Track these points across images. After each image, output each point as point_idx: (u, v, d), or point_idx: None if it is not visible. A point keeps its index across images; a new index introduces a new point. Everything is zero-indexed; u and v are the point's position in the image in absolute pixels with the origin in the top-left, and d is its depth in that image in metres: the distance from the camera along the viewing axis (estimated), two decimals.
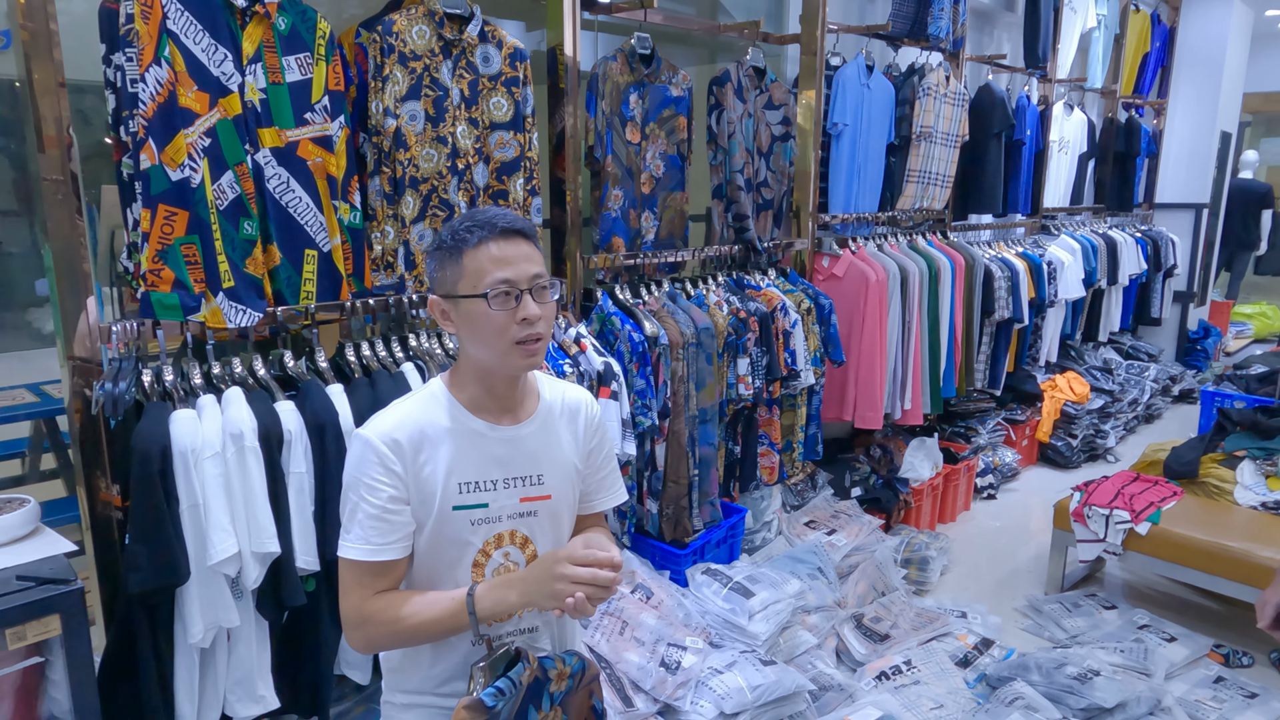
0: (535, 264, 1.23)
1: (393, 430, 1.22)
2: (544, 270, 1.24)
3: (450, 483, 1.24)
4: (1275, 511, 3.13)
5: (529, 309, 1.20)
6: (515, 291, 1.20)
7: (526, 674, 1.22)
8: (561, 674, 1.29)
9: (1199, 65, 6.36)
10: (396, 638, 1.25)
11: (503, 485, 1.28)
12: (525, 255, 1.22)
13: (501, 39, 2.42)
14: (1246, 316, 8.17)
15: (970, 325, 4.20)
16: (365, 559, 1.21)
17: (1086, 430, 4.93)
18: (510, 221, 1.22)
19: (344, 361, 2.18)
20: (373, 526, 1.21)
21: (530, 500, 1.30)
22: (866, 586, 3.11)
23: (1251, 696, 2.69)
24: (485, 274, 1.19)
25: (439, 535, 1.25)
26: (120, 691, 1.81)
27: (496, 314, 1.19)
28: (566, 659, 1.31)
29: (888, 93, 3.83)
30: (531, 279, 1.22)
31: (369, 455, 1.21)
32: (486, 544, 1.28)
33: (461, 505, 1.25)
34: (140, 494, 1.71)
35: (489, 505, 1.27)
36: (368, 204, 2.26)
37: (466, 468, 1.25)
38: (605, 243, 2.88)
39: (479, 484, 1.26)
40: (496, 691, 1.17)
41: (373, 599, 1.22)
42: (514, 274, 1.20)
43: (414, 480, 1.22)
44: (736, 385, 3.04)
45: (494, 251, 1.20)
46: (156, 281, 1.85)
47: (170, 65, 1.81)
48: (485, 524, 1.27)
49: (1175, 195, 6.58)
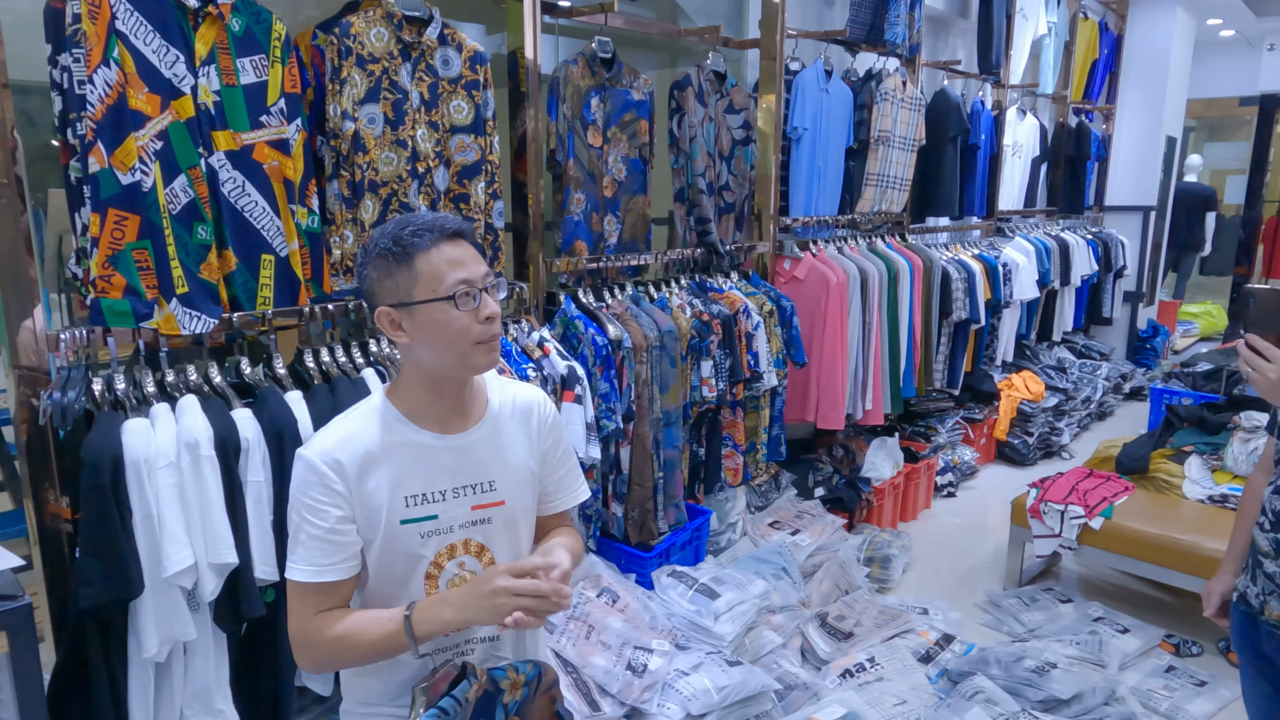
0: (482, 263, 1.24)
1: (334, 449, 1.20)
2: (490, 270, 1.26)
3: (396, 497, 1.22)
4: (1221, 504, 3.23)
5: (490, 307, 1.21)
6: (474, 291, 1.20)
7: (473, 690, 1.19)
8: (515, 683, 1.26)
9: (1145, 72, 6.56)
10: (340, 658, 1.23)
11: (452, 495, 1.26)
12: (473, 256, 1.23)
13: (461, 42, 2.40)
14: (1193, 315, 8.43)
15: (929, 326, 4.27)
16: (309, 580, 1.19)
17: (1042, 428, 5.04)
18: (455, 224, 1.23)
19: (303, 368, 2.14)
20: (316, 547, 1.19)
21: (482, 508, 1.28)
22: (830, 585, 3.14)
23: (1201, 684, 2.77)
24: (443, 276, 1.18)
25: (388, 550, 1.23)
26: (71, 710, 1.76)
27: (460, 315, 1.18)
28: (520, 667, 1.29)
29: (846, 97, 3.89)
30: (484, 278, 1.22)
31: (310, 476, 1.19)
32: (439, 555, 1.26)
33: (410, 519, 1.23)
34: (91, 506, 1.66)
35: (438, 516, 1.25)
36: (326, 208, 2.23)
37: (412, 481, 1.23)
38: (568, 246, 2.87)
39: (427, 496, 1.24)
40: (439, 712, 1.15)
41: (314, 619, 1.20)
42: (470, 274, 1.20)
43: (358, 499, 1.21)
44: (700, 387, 3.05)
45: (447, 254, 1.20)
46: (107, 288, 1.81)
47: (120, 67, 1.77)
48: (436, 535, 1.25)
49: (1124, 198, 6.77)
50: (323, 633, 1.19)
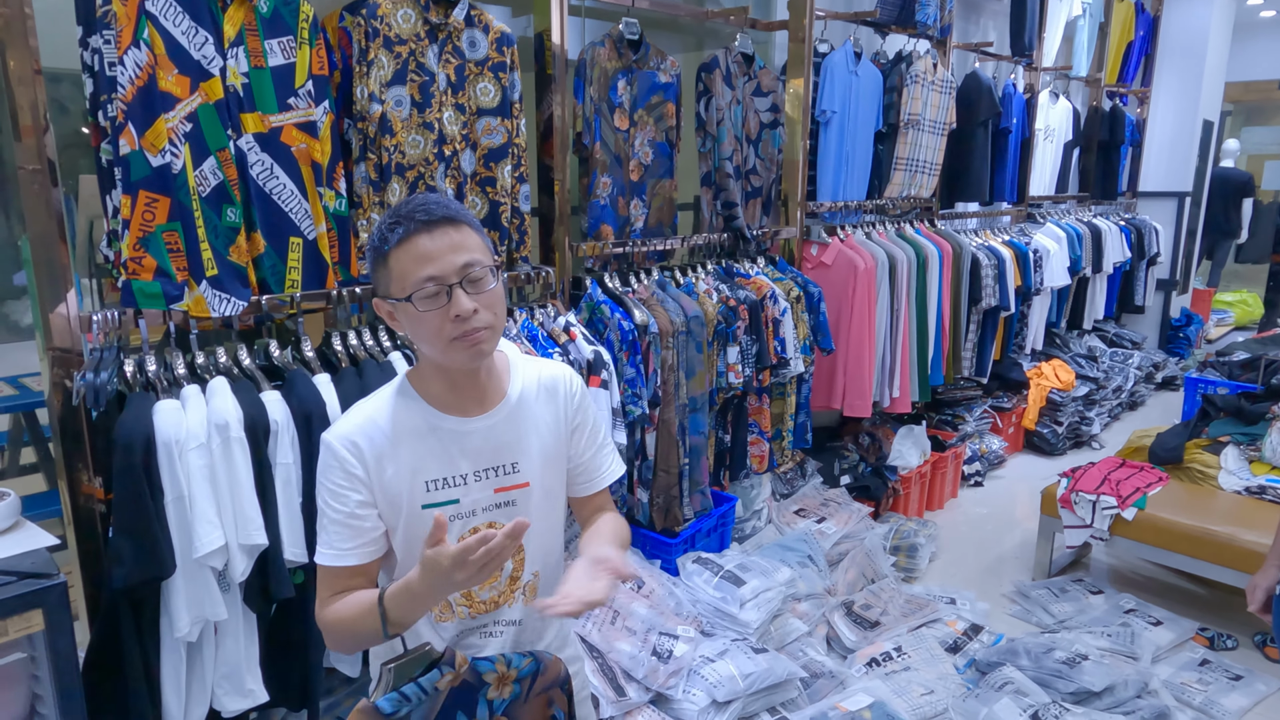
0: (465, 253, 1.13)
1: (353, 433, 1.19)
2: (478, 258, 1.15)
3: (417, 482, 1.20)
4: (1259, 496, 3.16)
5: (460, 305, 1.12)
6: (443, 288, 1.12)
7: (446, 680, 1.14)
8: (504, 678, 1.20)
9: (1182, 54, 6.40)
10: (346, 641, 1.22)
11: (474, 479, 1.23)
12: (451, 245, 1.13)
13: (488, 23, 2.38)
14: (1227, 304, 8.26)
15: (958, 313, 4.21)
16: (329, 563, 1.19)
17: (1072, 417, 4.96)
18: (430, 211, 1.13)
19: (330, 351, 2.15)
20: (336, 532, 1.19)
21: (506, 490, 1.26)
22: (856, 574, 3.11)
23: (1236, 678, 2.72)
24: (409, 275, 1.12)
25: (411, 535, 1.22)
26: (105, 687, 1.79)
27: (428, 315, 1.13)
28: (515, 660, 1.23)
29: (875, 80, 3.82)
30: (460, 270, 1.13)
31: (331, 460, 1.18)
32: (462, 538, 1.20)
33: (431, 504, 1.21)
34: (123, 486, 1.67)
35: (460, 501, 1.23)
36: (353, 191, 2.23)
37: (433, 465, 1.21)
38: (594, 230, 2.86)
39: (447, 480, 1.22)
40: (400, 698, 1.10)
41: (330, 600, 1.20)
42: (438, 269, 1.12)
43: (378, 484, 1.19)
44: (726, 373, 3.03)
45: (416, 248, 1.12)
46: (138, 270, 1.82)
47: (149, 48, 1.77)
48: (459, 519, 1.23)
49: (1158, 184, 6.62)
50: (329, 616, 1.19)
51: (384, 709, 1.09)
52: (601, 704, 2.22)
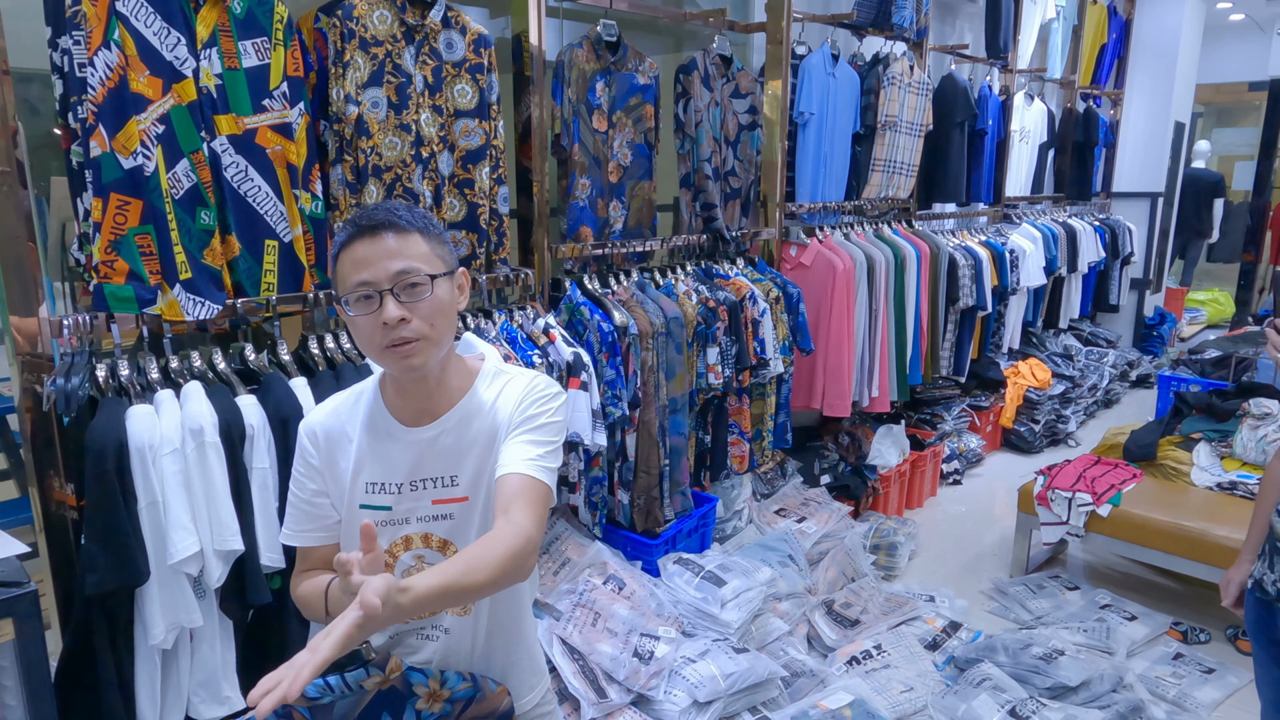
0: (401, 259, 1.12)
1: (318, 424, 1.26)
2: (416, 265, 1.13)
3: (358, 481, 1.24)
4: (1230, 491, 3.21)
5: (387, 312, 1.11)
6: (375, 294, 1.12)
7: (373, 681, 1.16)
8: (435, 695, 1.20)
9: (1154, 57, 6.49)
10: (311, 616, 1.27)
11: (409, 488, 1.22)
12: (388, 252, 1.12)
13: (465, 24, 2.38)
14: (1200, 303, 8.38)
15: (935, 313, 4.24)
16: (288, 543, 1.28)
17: (1048, 415, 5.02)
18: (374, 217, 1.13)
19: (307, 354, 2.13)
20: (294, 514, 1.27)
21: (443, 503, 1.23)
22: (836, 573, 3.13)
23: (1209, 672, 2.77)
24: (346, 279, 1.14)
25: (349, 531, 1.26)
26: (78, 697, 1.76)
27: (360, 320, 1.13)
28: (451, 680, 1.21)
29: (853, 82, 3.85)
30: (394, 277, 1.12)
31: (300, 446, 1.27)
32: (394, 545, 1.24)
33: (366, 505, 1.23)
34: (96, 493, 1.65)
35: (392, 508, 1.22)
36: (330, 193, 2.21)
37: (375, 467, 1.23)
38: (573, 232, 2.85)
39: (383, 485, 1.23)
40: (324, 685, 1.12)
41: (298, 576, 1.28)
42: (371, 275, 1.12)
43: (329, 474, 1.25)
44: (706, 374, 3.04)
45: (354, 253, 1.13)
46: (110, 273, 1.79)
47: (120, 49, 1.75)
48: (390, 526, 1.23)
49: (1131, 184, 6.71)
50: (295, 590, 1.27)
51: (308, 692, 1.12)
52: (583, 706, 2.22)
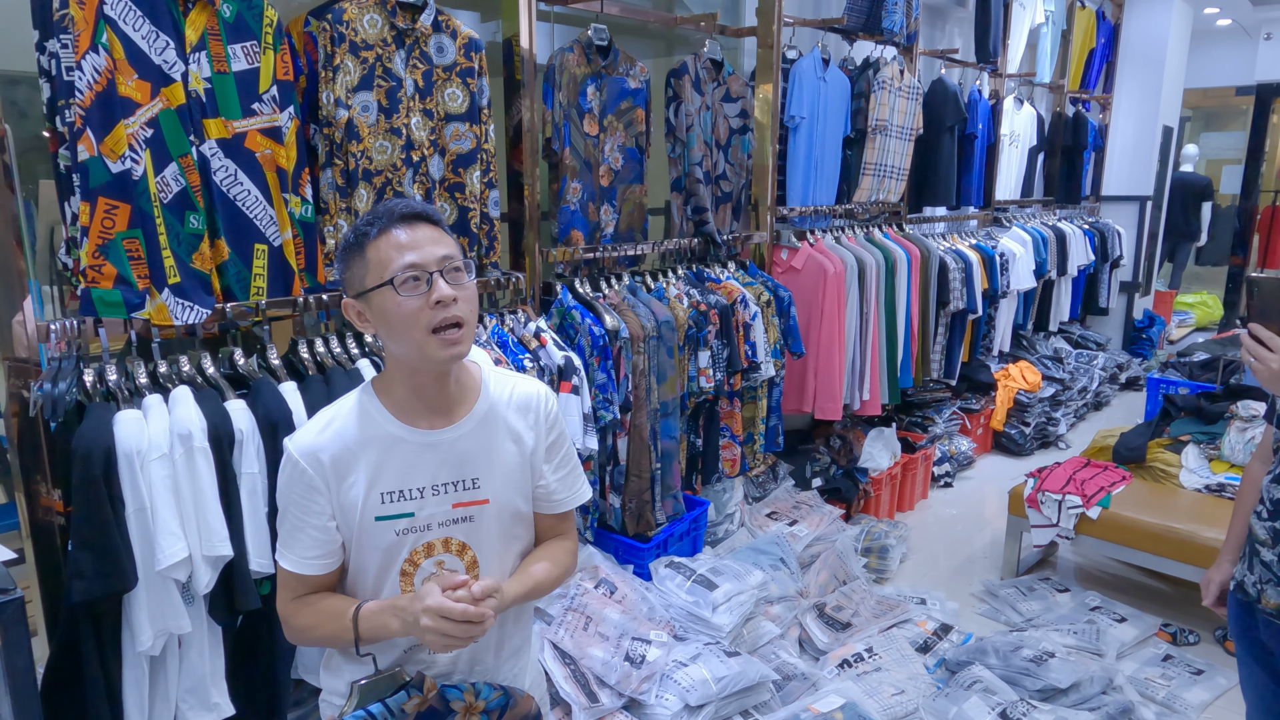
0: (443, 246, 1.18)
1: (314, 444, 1.20)
2: (455, 252, 1.19)
3: (372, 494, 1.20)
4: (1218, 493, 3.23)
5: (440, 290, 1.14)
6: (424, 275, 1.15)
7: (413, 704, 1.16)
8: (471, 708, 1.21)
9: (1142, 61, 6.54)
10: (309, 640, 1.26)
11: (430, 492, 1.22)
12: (430, 238, 1.17)
13: (456, 29, 2.38)
14: (1188, 306, 8.44)
15: (926, 316, 4.26)
16: (292, 570, 1.22)
17: (1039, 418, 5.04)
18: (409, 206, 1.18)
19: (297, 359, 2.12)
20: (297, 539, 1.21)
21: (464, 505, 1.24)
22: (828, 576, 3.13)
23: (1198, 673, 2.78)
24: (390, 262, 1.15)
25: (363, 546, 1.22)
26: (65, 704, 1.75)
27: (407, 300, 1.14)
28: (483, 692, 1.23)
29: (843, 86, 3.86)
30: (440, 261, 1.16)
31: (293, 472, 1.20)
32: (414, 553, 1.23)
33: (384, 516, 1.21)
34: (83, 498, 1.64)
35: (414, 514, 1.22)
36: (320, 197, 2.20)
37: (389, 477, 1.21)
38: (564, 236, 2.85)
39: (403, 493, 1.21)
40: (366, 716, 1.13)
41: (294, 602, 1.23)
42: (419, 257, 1.15)
43: (336, 496, 1.20)
44: (698, 378, 3.04)
45: (396, 238, 1.15)
46: (97, 278, 1.79)
47: (109, 52, 1.74)
48: (412, 533, 1.22)
49: (1120, 188, 6.76)
50: (297, 617, 1.23)
51: None
52: (574, 710, 2.22)
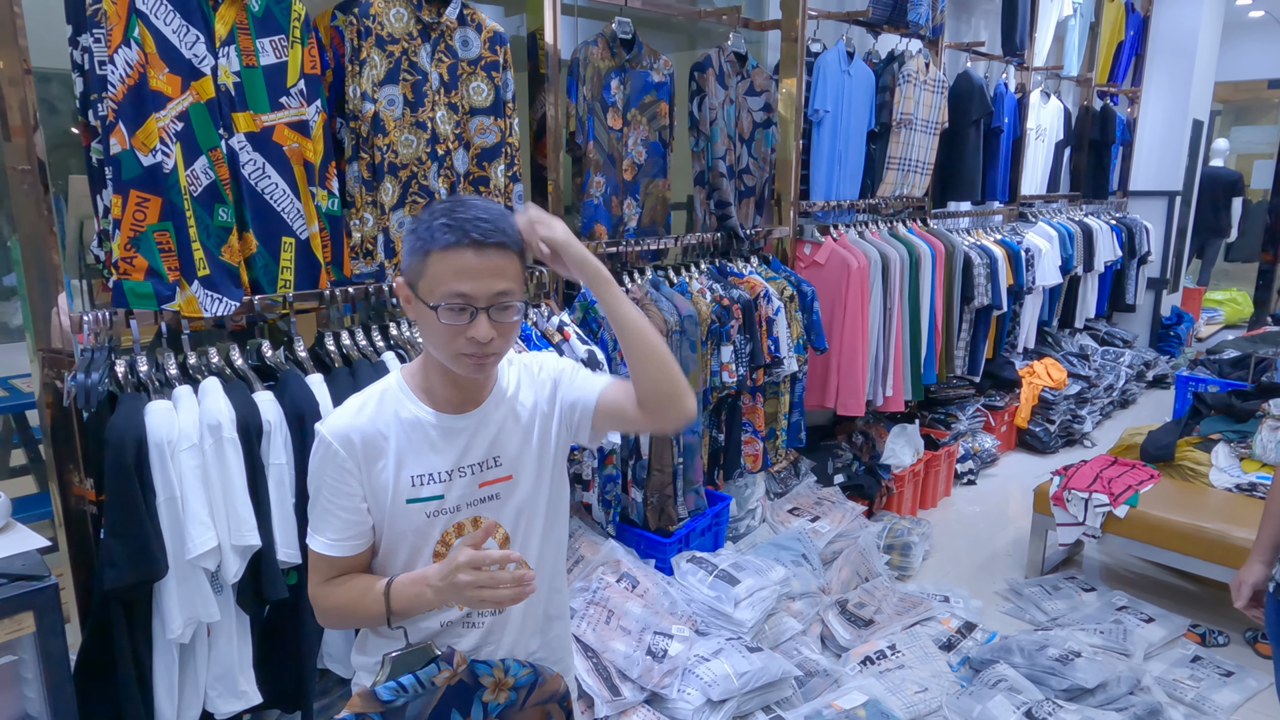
0: (503, 280, 1.14)
1: (347, 428, 1.20)
2: (513, 286, 1.15)
3: (402, 476, 1.22)
4: (1249, 493, 3.18)
5: (480, 330, 1.13)
6: (470, 309, 1.12)
7: (443, 676, 1.18)
8: (500, 683, 1.23)
9: (1172, 54, 6.43)
10: (342, 621, 1.27)
11: (458, 474, 1.24)
12: (493, 269, 1.12)
13: (481, 22, 2.38)
14: (1217, 303, 8.30)
15: (950, 312, 4.22)
16: (323, 551, 1.23)
17: (1064, 416, 4.98)
18: (486, 232, 1.11)
19: (323, 351, 2.14)
20: (329, 523, 1.22)
21: (490, 484, 1.27)
22: (850, 572, 3.12)
23: (1228, 675, 2.74)
24: (443, 283, 1.11)
25: (394, 529, 1.23)
26: (97, 690, 1.77)
27: (446, 326, 1.13)
28: (513, 668, 1.25)
29: (868, 79, 3.83)
30: (493, 297, 1.13)
31: (325, 454, 1.20)
32: (446, 534, 1.25)
33: (415, 498, 1.22)
34: (115, 487, 1.66)
35: (444, 497, 1.24)
36: (346, 190, 2.22)
37: (419, 460, 1.22)
38: (587, 230, 2.85)
39: (433, 476, 1.23)
40: (398, 687, 1.14)
41: (326, 584, 1.24)
42: (473, 289, 1.11)
43: (368, 478, 1.21)
44: (720, 373, 3.03)
45: (459, 261, 1.11)
46: (129, 270, 1.81)
47: (140, 46, 1.76)
48: (443, 515, 1.24)
49: (1149, 183, 6.66)
50: (330, 598, 1.24)
51: (382, 696, 1.14)
52: (596, 703, 2.22)
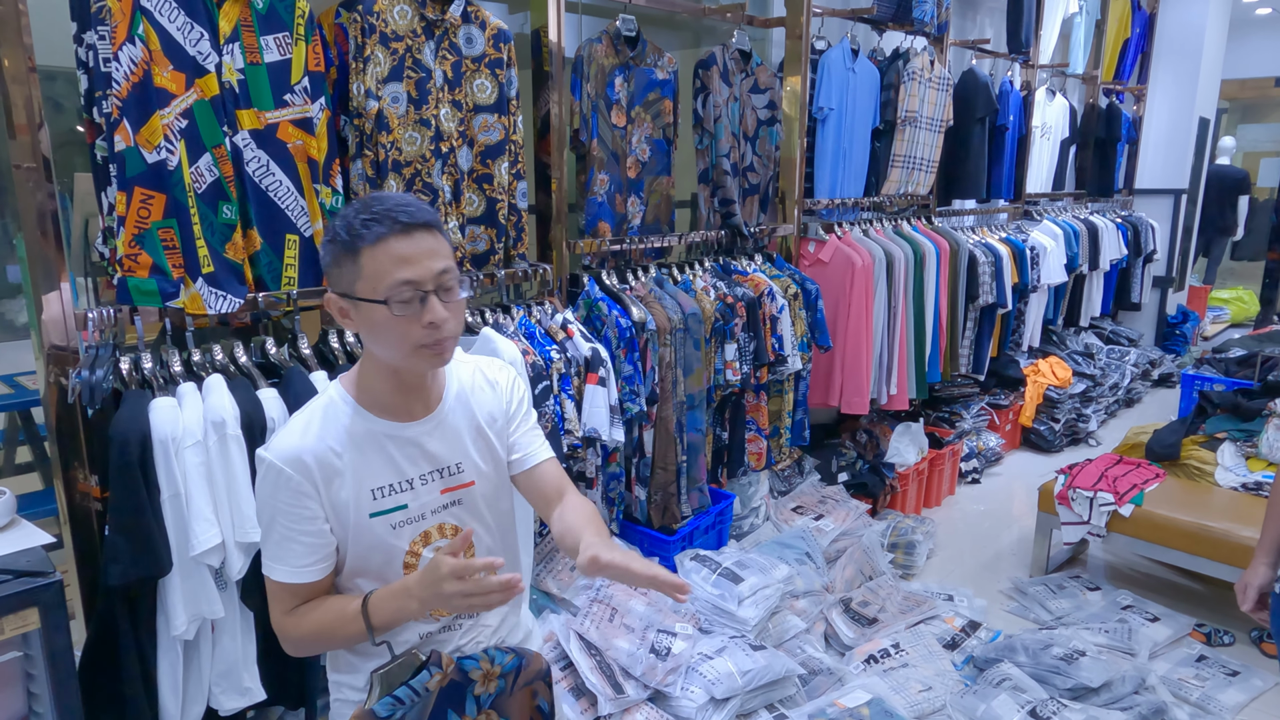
0: (440, 259, 1.13)
1: (297, 449, 1.16)
2: (451, 264, 1.15)
3: (362, 491, 1.19)
4: (1255, 492, 3.16)
5: (435, 312, 1.12)
6: (419, 294, 1.11)
7: (435, 680, 1.18)
8: (489, 674, 1.23)
9: (1178, 51, 6.40)
10: (318, 647, 1.25)
11: (420, 482, 1.23)
12: (429, 251, 1.12)
13: (485, 19, 2.38)
14: (1223, 301, 8.27)
15: (955, 310, 4.21)
16: (288, 580, 1.18)
17: (1068, 414, 4.97)
18: (412, 214, 1.11)
19: (327, 348, 2.14)
20: (290, 551, 1.17)
21: (451, 490, 1.26)
22: (854, 571, 3.11)
23: (1233, 674, 2.73)
24: (385, 276, 1.10)
25: (360, 544, 1.21)
26: (102, 686, 1.78)
27: (399, 319, 1.11)
28: (497, 657, 1.25)
29: (873, 77, 3.82)
30: (437, 277, 1.12)
31: (278, 480, 1.16)
32: (414, 544, 1.23)
33: (378, 511, 1.20)
34: (119, 484, 1.67)
35: (408, 506, 1.22)
36: (350, 188, 2.22)
37: (378, 473, 1.20)
38: (591, 228, 2.85)
39: (394, 486, 1.21)
40: (394, 701, 1.14)
41: (292, 614, 1.20)
42: (417, 274, 1.10)
43: (327, 498, 1.18)
44: (724, 371, 3.03)
45: (394, 250, 1.10)
46: (133, 267, 1.81)
47: (144, 44, 1.76)
48: (408, 525, 1.23)
49: (1154, 181, 6.63)
50: (300, 627, 1.19)
51: (380, 713, 1.13)
52: (600, 701, 2.22)
